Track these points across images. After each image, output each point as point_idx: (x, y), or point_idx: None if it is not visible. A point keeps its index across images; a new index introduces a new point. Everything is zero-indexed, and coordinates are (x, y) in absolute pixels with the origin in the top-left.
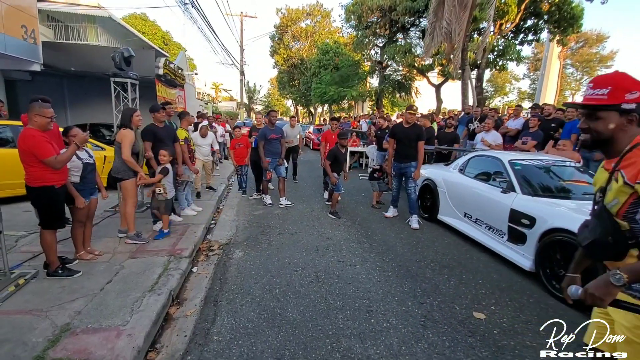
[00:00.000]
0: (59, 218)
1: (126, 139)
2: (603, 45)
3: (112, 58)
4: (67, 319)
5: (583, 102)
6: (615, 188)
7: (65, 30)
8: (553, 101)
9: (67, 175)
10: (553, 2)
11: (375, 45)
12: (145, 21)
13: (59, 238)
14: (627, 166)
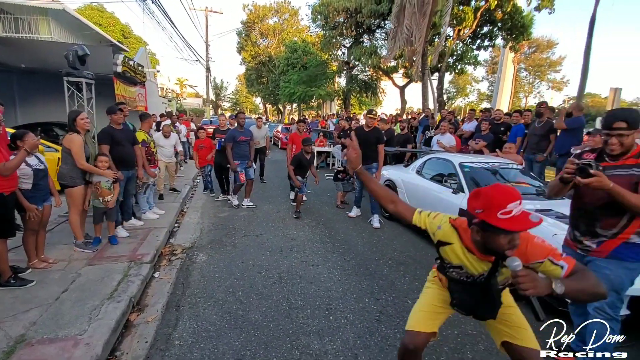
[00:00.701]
0: (9, 226)
1: (74, 145)
2: (552, 51)
3: (65, 57)
4: (22, 330)
5: None
6: (505, 272)
7: (15, 23)
8: (508, 102)
9: (17, 181)
10: (505, 11)
11: (342, 46)
12: (103, 13)
13: (10, 246)
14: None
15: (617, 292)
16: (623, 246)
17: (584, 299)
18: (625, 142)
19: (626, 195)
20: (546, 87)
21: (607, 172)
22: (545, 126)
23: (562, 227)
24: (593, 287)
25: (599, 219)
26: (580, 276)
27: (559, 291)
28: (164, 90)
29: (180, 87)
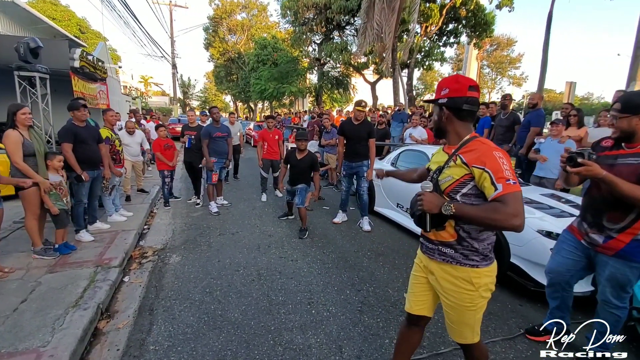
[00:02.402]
0: None
1: (9, 140)
2: (512, 49)
3: (16, 49)
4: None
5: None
6: (452, 167)
7: None
8: None
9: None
10: (469, 9)
11: (312, 42)
12: (57, 6)
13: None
14: (466, 152)
15: (623, 288)
16: (632, 244)
17: (485, 225)
18: (619, 125)
19: (619, 184)
20: (507, 83)
21: (619, 160)
22: (510, 118)
23: (531, 212)
24: (487, 220)
25: (605, 211)
26: (492, 206)
27: (446, 212)
28: (127, 89)
29: (145, 85)
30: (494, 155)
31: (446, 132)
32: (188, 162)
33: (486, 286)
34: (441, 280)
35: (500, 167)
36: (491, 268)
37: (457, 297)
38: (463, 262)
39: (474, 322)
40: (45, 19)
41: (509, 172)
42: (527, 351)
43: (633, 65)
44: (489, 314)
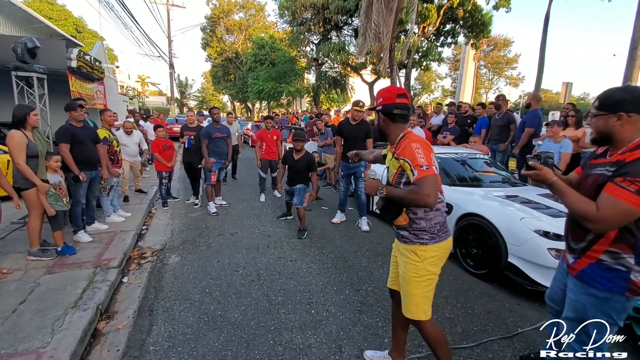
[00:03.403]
0: None
1: (13, 141)
2: (509, 49)
3: (13, 50)
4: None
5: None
6: (392, 162)
7: None
8: (470, 98)
9: None
10: (466, 10)
11: (310, 42)
12: (53, 5)
13: None
14: (398, 148)
15: (579, 322)
16: (592, 267)
17: (407, 205)
18: (594, 124)
19: (566, 193)
20: (504, 83)
21: (594, 169)
22: (504, 117)
23: (528, 212)
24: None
25: (570, 228)
26: (411, 188)
27: (380, 195)
28: (124, 88)
29: (141, 85)
30: (412, 146)
31: (386, 134)
32: (187, 163)
33: (432, 259)
34: (399, 256)
35: (415, 156)
36: (439, 245)
37: (405, 268)
38: (414, 240)
39: (418, 295)
40: (41, 18)
41: (424, 159)
42: (524, 350)
43: (629, 65)
44: (487, 312)
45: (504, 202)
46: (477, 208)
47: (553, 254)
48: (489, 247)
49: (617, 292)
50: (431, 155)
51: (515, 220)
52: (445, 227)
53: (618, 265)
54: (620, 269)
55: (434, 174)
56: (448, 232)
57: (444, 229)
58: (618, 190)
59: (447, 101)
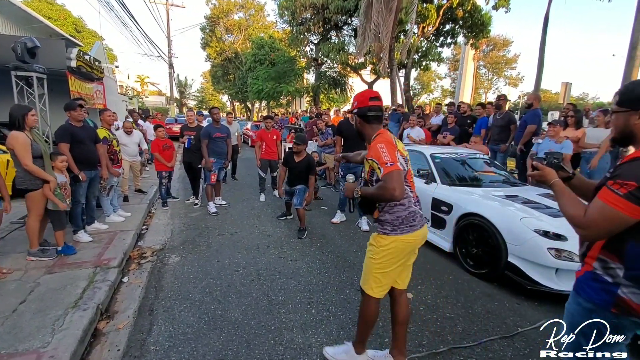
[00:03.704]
0: None
1: (18, 142)
2: (508, 49)
3: (13, 49)
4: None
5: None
6: (366, 162)
7: None
8: (470, 98)
9: None
10: (466, 10)
11: (310, 42)
12: (52, 5)
13: None
14: (368, 149)
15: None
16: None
17: (378, 200)
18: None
19: (561, 195)
20: (503, 83)
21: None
22: (505, 118)
23: (528, 212)
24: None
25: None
26: (379, 185)
27: (356, 195)
28: (124, 88)
29: (141, 85)
30: (377, 147)
31: (362, 134)
32: (187, 162)
33: (386, 247)
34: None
35: (380, 155)
36: (397, 237)
37: (367, 249)
38: (379, 230)
39: (369, 272)
40: (41, 18)
41: (388, 157)
42: (524, 349)
43: (628, 65)
44: (487, 312)
45: (504, 202)
46: (477, 208)
47: (553, 254)
48: (489, 246)
49: (602, 305)
50: (395, 152)
51: (515, 220)
52: (409, 221)
53: (606, 275)
54: (608, 280)
55: (398, 169)
56: (414, 226)
57: (407, 222)
58: (607, 193)
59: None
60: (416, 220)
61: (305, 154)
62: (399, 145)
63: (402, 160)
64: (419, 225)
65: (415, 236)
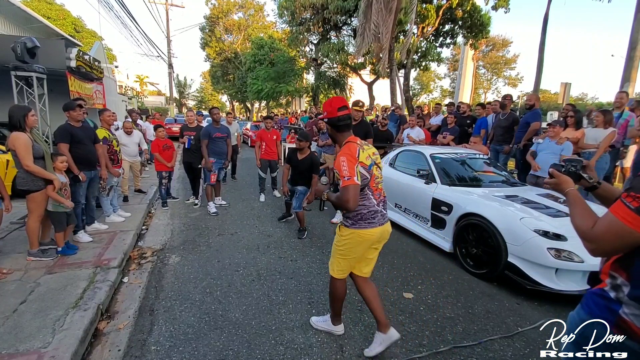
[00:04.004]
0: None
1: (20, 143)
2: (507, 50)
3: (13, 49)
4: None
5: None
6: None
7: None
8: (469, 98)
9: None
10: (466, 10)
11: (309, 42)
12: (52, 5)
13: None
14: (336, 158)
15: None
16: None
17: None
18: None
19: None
20: (503, 83)
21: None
22: (509, 118)
23: (528, 212)
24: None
25: None
26: (338, 194)
27: (324, 198)
28: (123, 88)
29: (140, 85)
30: (339, 160)
31: (335, 140)
32: (187, 163)
33: (346, 237)
34: None
35: (340, 168)
36: (354, 230)
37: (334, 237)
38: (343, 222)
39: (332, 255)
40: (40, 18)
41: (347, 171)
42: (525, 349)
43: (627, 66)
44: (487, 312)
45: (504, 202)
46: (477, 208)
47: (552, 254)
48: (489, 246)
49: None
50: (355, 167)
51: (515, 220)
52: (368, 219)
53: (612, 290)
54: (611, 297)
55: (354, 184)
56: (372, 224)
57: (366, 219)
58: (619, 206)
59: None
60: (376, 219)
61: (309, 151)
62: (364, 154)
63: (364, 170)
64: (378, 223)
65: (372, 232)
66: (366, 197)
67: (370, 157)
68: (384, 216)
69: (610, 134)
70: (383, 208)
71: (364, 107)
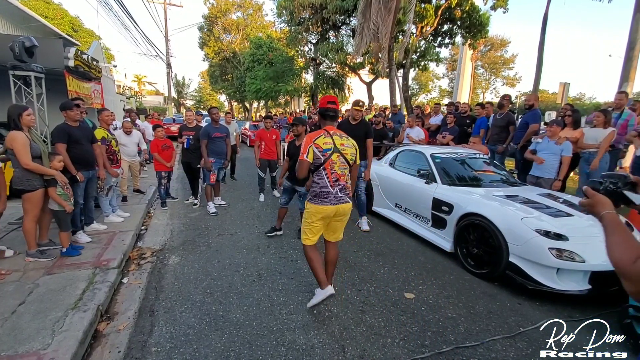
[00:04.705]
0: None
1: (17, 142)
2: (506, 50)
3: (11, 48)
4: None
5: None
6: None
7: None
8: (467, 98)
9: None
10: (464, 10)
11: (308, 42)
12: (49, 4)
13: None
14: None
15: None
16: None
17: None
18: None
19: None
20: (501, 83)
21: None
22: (505, 118)
23: (529, 211)
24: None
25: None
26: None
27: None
28: (121, 88)
29: (138, 85)
30: (304, 141)
31: (319, 127)
32: (186, 163)
33: (307, 210)
34: None
35: (302, 147)
36: (312, 205)
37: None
38: (308, 197)
39: (302, 226)
40: (38, 17)
41: (303, 150)
42: (527, 349)
43: (626, 66)
44: (489, 312)
45: (504, 202)
46: (477, 208)
47: (554, 254)
48: (490, 246)
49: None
50: (308, 147)
51: (516, 219)
52: (321, 197)
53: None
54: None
55: (303, 160)
56: (324, 202)
57: (319, 197)
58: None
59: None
60: (328, 199)
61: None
62: (324, 140)
63: (318, 152)
64: (330, 203)
65: (324, 209)
66: (320, 176)
67: (332, 144)
68: (338, 199)
69: (610, 133)
70: (339, 191)
71: (364, 107)
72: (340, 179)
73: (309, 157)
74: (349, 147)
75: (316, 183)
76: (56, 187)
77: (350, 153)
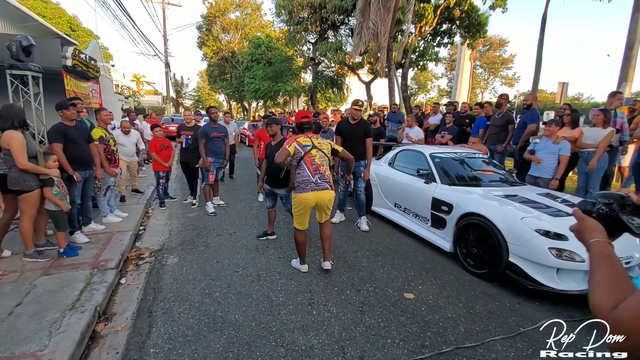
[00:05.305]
0: None
1: (14, 142)
2: (504, 49)
3: (8, 48)
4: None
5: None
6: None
7: None
8: (466, 97)
9: None
10: (463, 10)
11: (307, 42)
12: (47, 4)
13: None
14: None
15: None
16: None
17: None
18: None
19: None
20: (500, 83)
21: None
22: (504, 117)
23: (529, 211)
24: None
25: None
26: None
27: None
28: (120, 87)
29: (137, 84)
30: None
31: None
32: (184, 162)
33: (294, 199)
34: None
35: (286, 142)
36: (297, 194)
37: None
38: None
39: (293, 213)
40: (35, 16)
41: (287, 143)
42: (527, 349)
43: (624, 66)
44: (489, 312)
45: (504, 202)
46: (477, 208)
47: (554, 254)
48: (490, 246)
49: None
50: (291, 142)
51: (515, 219)
52: (303, 186)
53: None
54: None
55: (284, 149)
56: (305, 190)
57: (301, 186)
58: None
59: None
60: (308, 187)
61: (281, 136)
62: (304, 139)
63: (299, 147)
64: (310, 190)
65: (307, 196)
66: (302, 168)
67: (310, 142)
68: (318, 185)
69: (609, 133)
70: (319, 179)
71: (363, 107)
72: (320, 168)
73: (291, 149)
74: (325, 144)
75: (299, 174)
76: (52, 187)
77: (327, 148)
